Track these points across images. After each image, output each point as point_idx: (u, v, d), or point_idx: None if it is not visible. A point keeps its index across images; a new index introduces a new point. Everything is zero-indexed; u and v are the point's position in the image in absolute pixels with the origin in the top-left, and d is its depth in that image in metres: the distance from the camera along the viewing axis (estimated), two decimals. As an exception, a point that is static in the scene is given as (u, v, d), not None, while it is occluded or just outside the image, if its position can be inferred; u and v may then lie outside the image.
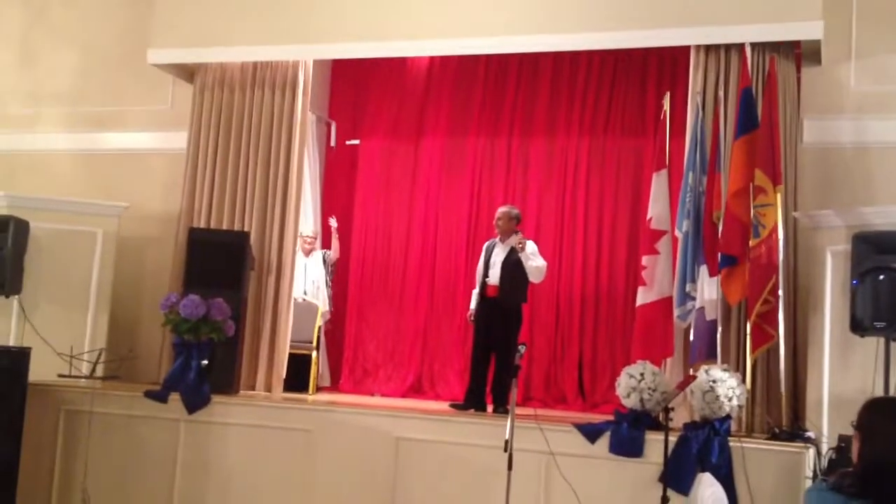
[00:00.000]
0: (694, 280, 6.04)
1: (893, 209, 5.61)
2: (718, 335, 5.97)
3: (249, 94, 7.51)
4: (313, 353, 7.86)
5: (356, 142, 8.97)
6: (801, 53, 6.52)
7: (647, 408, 5.47)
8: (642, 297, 6.39)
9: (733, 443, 5.22)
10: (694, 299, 6.05)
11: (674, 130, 6.67)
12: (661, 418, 5.24)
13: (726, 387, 5.32)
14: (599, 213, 8.15)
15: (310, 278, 8.16)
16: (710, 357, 5.91)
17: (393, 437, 5.87)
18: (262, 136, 7.41)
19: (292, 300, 7.35)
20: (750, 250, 5.69)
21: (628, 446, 5.37)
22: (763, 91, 6.07)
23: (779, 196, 5.71)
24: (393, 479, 5.83)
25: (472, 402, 6.73)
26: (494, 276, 6.87)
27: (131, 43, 8.00)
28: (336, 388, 8.43)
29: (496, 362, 6.77)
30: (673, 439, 5.16)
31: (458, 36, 6.98)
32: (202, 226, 7.35)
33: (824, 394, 5.58)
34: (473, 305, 7.05)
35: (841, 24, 6.51)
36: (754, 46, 6.28)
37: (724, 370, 5.45)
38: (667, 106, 6.67)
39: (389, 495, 5.81)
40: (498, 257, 6.91)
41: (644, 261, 6.47)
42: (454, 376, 8.13)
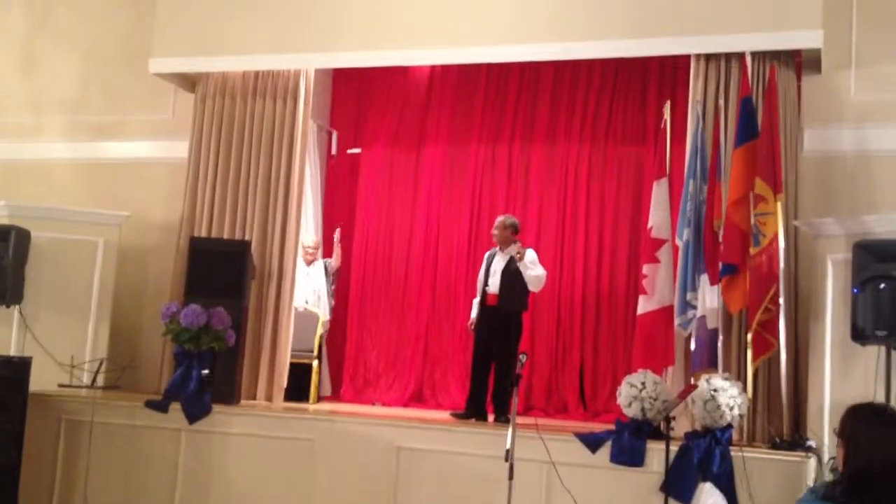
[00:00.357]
0: (695, 289, 6.03)
1: (894, 217, 5.58)
2: (719, 344, 5.96)
3: (251, 103, 7.51)
4: (314, 363, 7.85)
5: (357, 150, 8.97)
6: (801, 62, 6.52)
7: (648, 417, 5.48)
8: (643, 306, 6.40)
9: (735, 452, 5.22)
10: (695, 308, 6.04)
11: (674, 139, 6.69)
12: (662, 427, 5.24)
13: (727, 396, 5.32)
14: (600, 222, 8.15)
15: (311, 287, 8.15)
16: (711, 366, 5.90)
17: (394, 447, 5.88)
18: (263, 144, 7.41)
19: (293, 309, 7.35)
20: (750, 259, 5.69)
21: (629, 455, 5.37)
22: (763, 100, 6.07)
23: (779, 204, 5.71)
24: (394, 489, 5.83)
25: (473, 410, 6.74)
26: (494, 285, 6.87)
27: (133, 52, 8.02)
28: (337, 397, 8.41)
29: (496, 371, 6.78)
30: (674, 448, 5.16)
31: (459, 45, 6.99)
32: (203, 235, 7.35)
33: (825, 402, 5.56)
34: (474, 314, 7.06)
35: (841, 32, 6.50)
36: (754, 55, 6.29)
37: (726, 379, 5.46)
38: (667, 114, 6.70)
39: (390, 505, 5.81)
40: (498, 266, 6.92)
41: (645, 269, 6.48)
42: (455, 385, 8.11)
